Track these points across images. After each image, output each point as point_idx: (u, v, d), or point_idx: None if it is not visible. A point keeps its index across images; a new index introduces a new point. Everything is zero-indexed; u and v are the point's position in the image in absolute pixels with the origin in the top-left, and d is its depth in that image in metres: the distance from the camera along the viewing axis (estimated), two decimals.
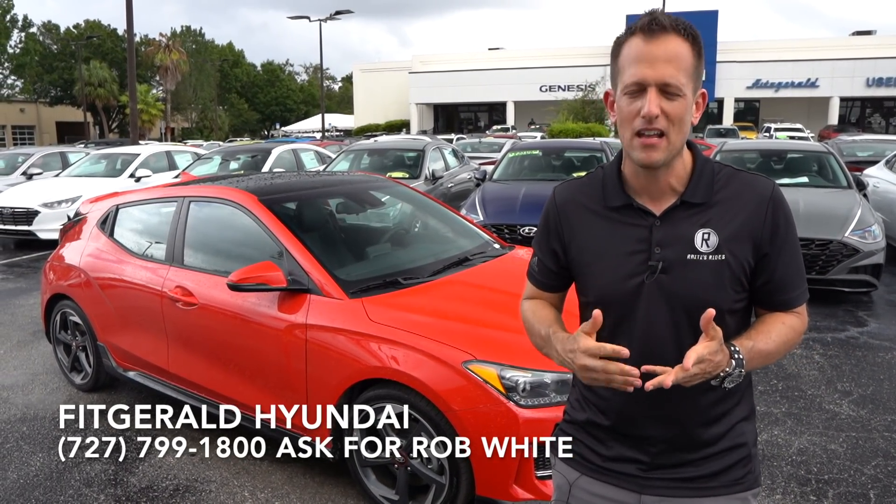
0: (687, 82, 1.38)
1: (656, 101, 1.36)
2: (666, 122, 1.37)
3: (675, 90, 1.36)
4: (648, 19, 1.38)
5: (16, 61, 53.51)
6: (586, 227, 1.54)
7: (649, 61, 1.36)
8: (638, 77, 1.37)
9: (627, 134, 1.42)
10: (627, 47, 1.41)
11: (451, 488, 3.03)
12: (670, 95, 1.37)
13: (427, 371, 2.99)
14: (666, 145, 1.39)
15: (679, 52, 1.37)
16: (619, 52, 1.43)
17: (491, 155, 17.11)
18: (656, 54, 1.36)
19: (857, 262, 6.64)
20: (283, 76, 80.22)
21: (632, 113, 1.39)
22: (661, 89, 1.36)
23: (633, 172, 1.49)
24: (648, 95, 1.36)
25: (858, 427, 4.20)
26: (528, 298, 1.70)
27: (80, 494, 3.60)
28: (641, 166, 1.44)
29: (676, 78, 1.36)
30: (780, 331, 1.45)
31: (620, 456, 1.55)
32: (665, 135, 1.38)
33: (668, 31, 1.37)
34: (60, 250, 5.18)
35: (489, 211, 8.00)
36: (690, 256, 1.43)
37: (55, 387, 5.13)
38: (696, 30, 1.40)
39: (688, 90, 1.38)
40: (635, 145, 1.41)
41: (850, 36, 49.70)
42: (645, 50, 1.37)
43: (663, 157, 1.40)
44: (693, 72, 1.39)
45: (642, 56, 1.37)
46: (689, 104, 1.39)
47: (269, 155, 12.92)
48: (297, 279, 3.50)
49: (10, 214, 11.22)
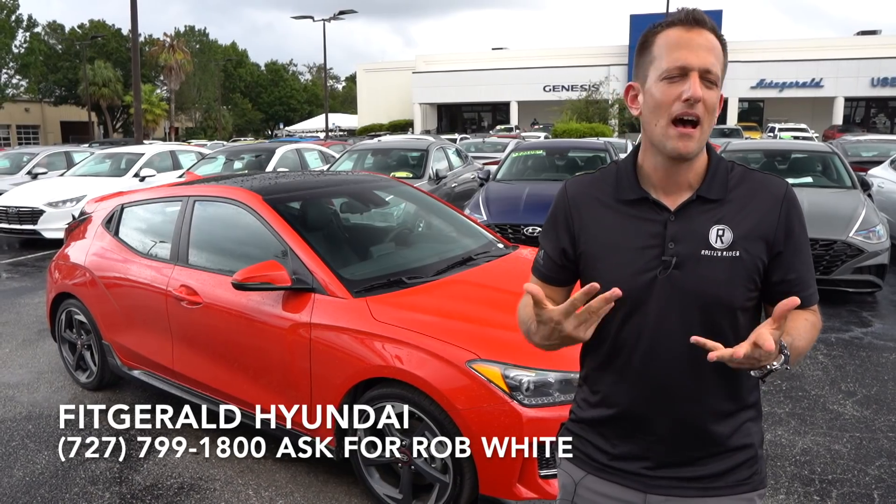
0: (721, 76, 1.41)
1: (700, 85, 1.38)
2: (703, 109, 1.39)
3: (714, 78, 1.39)
4: (687, 13, 1.41)
5: (21, 61, 53.51)
6: (598, 220, 1.53)
7: (692, 48, 1.39)
8: (681, 62, 1.38)
9: (663, 121, 1.41)
10: (664, 37, 1.42)
11: (455, 487, 3.03)
12: (709, 83, 1.39)
13: (431, 370, 3.00)
14: (699, 135, 1.41)
15: (716, 47, 1.41)
16: (652, 42, 1.44)
17: (494, 155, 17.11)
18: (699, 41, 1.39)
19: (862, 263, 6.63)
20: (287, 76, 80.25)
21: (671, 97, 1.39)
22: (702, 75, 1.38)
23: (654, 167, 1.49)
24: (692, 79, 1.38)
25: (862, 427, 4.20)
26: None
27: (85, 492, 3.61)
28: (674, 157, 1.43)
29: (716, 67, 1.40)
30: (807, 328, 1.45)
31: (626, 455, 1.55)
32: (699, 124, 1.40)
33: (706, 26, 1.41)
34: (65, 249, 5.20)
35: (493, 210, 8.00)
36: (705, 252, 1.43)
37: (60, 385, 5.15)
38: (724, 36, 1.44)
39: (720, 84, 1.42)
40: (671, 134, 1.41)
41: (854, 36, 49.60)
42: (687, 37, 1.40)
43: (697, 147, 1.41)
44: (722, 71, 1.42)
45: (684, 42, 1.39)
46: (718, 98, 1.42)
47: (272, 154, 12.94)
48: (301, 278, 3.51)
49: (15, 214, 11.26)
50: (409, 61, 55.48)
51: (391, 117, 53.50)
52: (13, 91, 56.92)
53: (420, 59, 53.92)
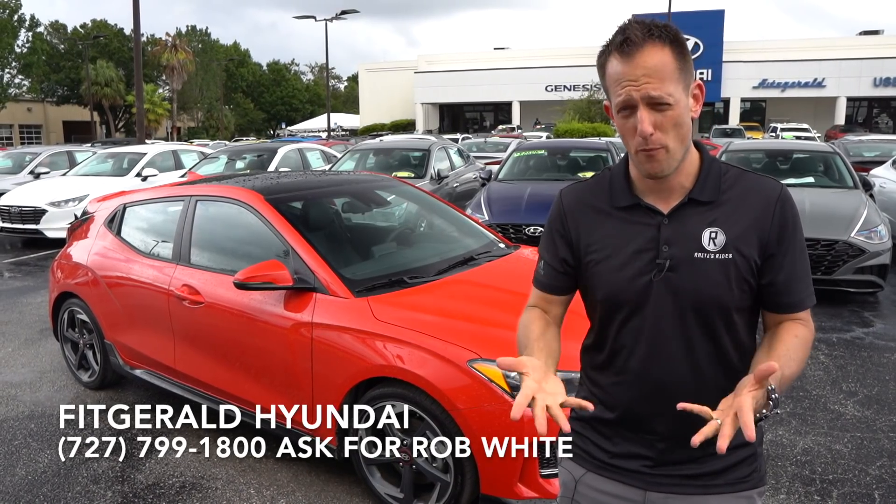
0: (675, 88, 1.37)
1: (648, 119, 1.37)
2: (662, 134, 1.38)
3: (663, 99, 1.36)
4: (621, 38, 1.38)
5: (23, 61, 53.67)
6: (595, 227, 1.55)
7: (631, 80, 1.37)
8: (624, 99, 1.38)
9: (630, 148, 1.44)
10: (609, 67, 1.41)
11: (456, 487, 3.04)
12: (660, 107, 1.37)
13: (432, 369, 3.01)
14: (666, 155, 1.40)
15: (658, 63, 1.36)
16: (603, 72, 1.44)
17: (496, 155, 17.11)
18: (636, 74, 1.36)
19: (863, 263, 6.62)
20: (289, 76, 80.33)
21: (629, 131, 1.41)
22: (649, 105, 1.37)
23: (641, 175, 1.50)
24: (640, 115, 1.37)
25: (863, 427, 4.20)
26: (532, 307, 1.67)
27: (87, 491, 3.62)
28: (649, 177, 1.46)
29: (661, 89, 1.36)
30: (797, 348, 1.43)
31: (626, 452, 1.56)
32: (665, 146, 1.39)
33: (643, 43, 1.36)
34: (68, 249, 5.21)
35: (494, 210, 8.01)
36: (698, 255, 1.44)
37: (63, 384, 5.16)
38: (673, 29, 1.39)
39: (678, 95, 1.38)
40: (640, 158, 1.42)
41: (856, 35, 49.52)
42: (623, 71, 1.37)
43: (667, 167, 1.42)
44: (679, 74, 1.39)
45: (622, 77, 1.38)
46: (682, 108, 1.39)
47: (274, 154, 12.95)
48: (303, 278, 3.52)
49: (17, 213, 11.28)
50: (411, 61, 55.52)
51: (393, 117, 53.52)
52: (16, 91, 57.09)
53: (422, 58, 53.93)
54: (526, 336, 1.57)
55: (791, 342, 1.44)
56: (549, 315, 1.64)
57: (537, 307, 1.66)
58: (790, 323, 1.48)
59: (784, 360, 1.38)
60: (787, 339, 1.44)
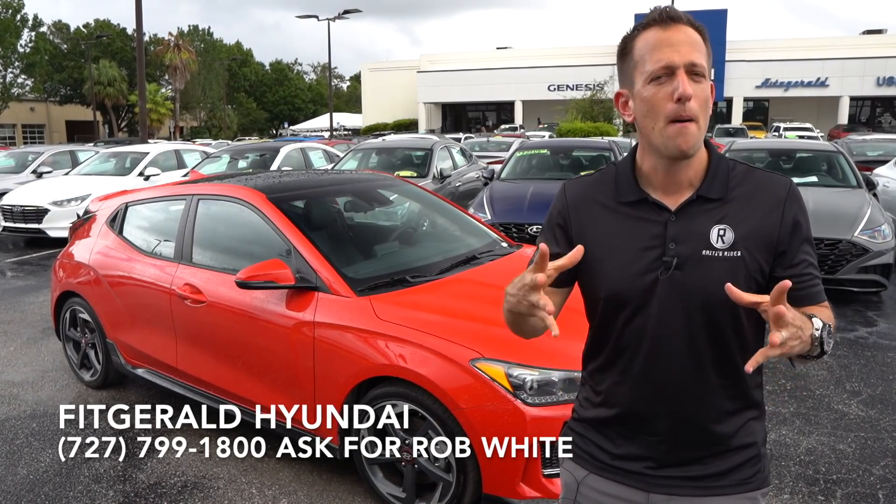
0: (708, 66, 1.39)
1: (688, 82, 1.36)
2: (696, 105, 1.37)
3: (701, 70, 1.37)
4: (660, 11, 1.39)
5: (26, 60, 53.74)
6: (598, 222, 1.52)
7: (673, 45, 1.36)
8: (665, 61, 1.36)
9: (660, 123, 1.39)
10: (642, 40, 1.40)
11: (458, 486, 3.03)
12: (697, 77, 1.37)
13: (434, 369, 3.00)
14: (697, 129, 1.38)
15: (697, 39, 1.39)
16: (631, 48, 1.43)
17: (499, 154, 17.10)
18: (679, 38, 1.37)
19: (867, 262, 6.61)
20: (292, 75, 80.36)
21: (663, 99, 1.37)
22: (688, 70, 1.36)
23: (653, 167, 1.47)
24: (679, 77, 1.35)
25: (867, 427, 4.18)
26: None
27: (89, 490, 3.62)
28: (675, 156, 1.41)
29: (701, 59, 1.37)
30: (826, 316, 1.43)
31: (629, 454, 1.54)
32: (695, 120, 1.37)
33: (682, 21, 1.38)
34: (70, 248, 5.21)
35: (497, 210, 8.00)
36: (706, 252, 1.41)
37: (65, 383, 5.16)
38: (704, 27, 1.42)
39: (708, 77, 1.39)
40: (670, 133, 1.38)
41: (859, 35, 49.40)
42: (665, 36, 1.38)
43: (697, 142, 1.39)
44: (707, 61, 1.40)
45: (664, 41, 1.37)
46: (709, 91, 1.40)
47: (277, 153, 12.94)
48: (305, 277, 3.51)
49: (20, 213, 11.29)
50: (413, 61, 55.50)
51: (396, 116, 53.53)
52: (18, 90, 57.14)
53: (424, 58, 53.91)
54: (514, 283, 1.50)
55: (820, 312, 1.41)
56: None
57: None
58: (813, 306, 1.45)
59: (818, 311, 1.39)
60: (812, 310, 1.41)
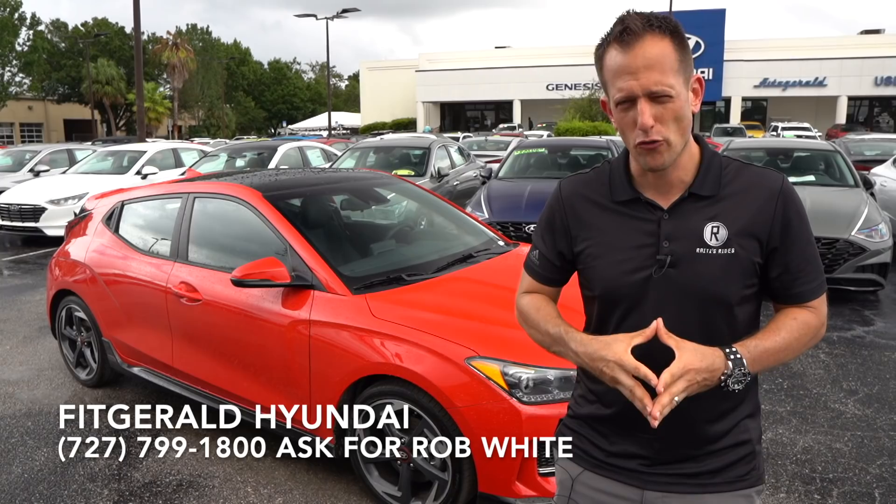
0: (675, 80, 1.36)
1: (649, 112, 1.35)
2: (663, 127, 1.36)
3: (664, 92, 1.34)
4: (620, 28, 1.36)
5: (24, 59, 53.69)
6: (593, 220, 1.53)
7: (631, 73, 1.34)
8: (625, 91, 1.36)
9: (629, 142, 1.42)
10: (607, 59, 1.39)
11: (454, 485, 3.02)
12: (661, 99, 1.35)
13: (430, 367, 2.99)
14: (667, 148, 1.38)
15: (659, 54, 1.34)
16: (601, 65, 1.42)
17: (497, 153, 17.08)
18: (636, 64, 1.34)
19: (864, 261, 6.61)
20: (290, 74, 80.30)
21: (628, 125, 1.39)
22: (649, 97, 1.35)
23: (641, 170, 1.48)
24: (640, 107, 1.35)
25: (864, 426, 4.18)
26: (526, 293, 1.66)
27: (83, 489, 3.61)
28: (650, 170, 1.44)
29: (662, 81, 1.34)
30: (790, 327, 1.43)
31: (623, 451, 1.54)
32: (665, 139, 1.37)
33: (643, 34, 1.34)
34: (66, 246, 5.20)
35: (495, 208, 8.00)
36: (699, 250, 1.42)
37: (60, 382, 5.14)
38: (672, 21, 1.38)
39: (678, 87, 1.36)
40: (640, 152, 1.40)
41: (858, 35, 49.44)
42: (623, 62, 1.35)
43: (668, 160, 1.40)
44: (679, 66, 1.37)
45: (622, 69, 1.35)
46: (682, 101, 1.38)
47: (274, 152, 12.92)
48: (300, 275, 3.50)
49: (17, 211, 11.27)
50: (412, 60, 55.48)
51: (394, 115, 53.52)
52: (16, 89, 57.04)
53: (423, 57, 53.89)
54: (545, 316, 1.57)
55: (784, 321, 1.45)
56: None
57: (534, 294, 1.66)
58: (795, 308, 1.47)
59: (769, 334, 1.41)
60: (781, 319, 1.46)
